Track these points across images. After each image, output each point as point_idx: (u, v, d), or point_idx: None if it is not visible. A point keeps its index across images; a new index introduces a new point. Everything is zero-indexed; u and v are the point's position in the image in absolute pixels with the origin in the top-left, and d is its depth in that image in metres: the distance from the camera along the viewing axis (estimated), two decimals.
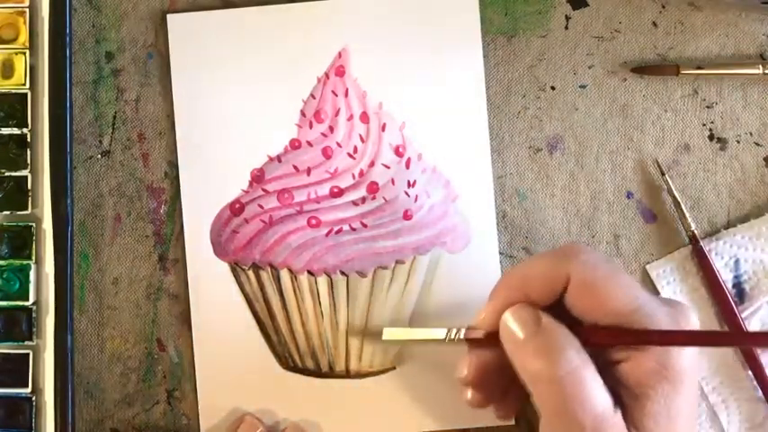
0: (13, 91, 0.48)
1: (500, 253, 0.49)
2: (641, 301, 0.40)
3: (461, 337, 0.43)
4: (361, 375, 0.49)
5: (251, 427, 0.48)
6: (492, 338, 0.42)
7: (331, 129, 0.49)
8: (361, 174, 0.49)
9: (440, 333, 0.43)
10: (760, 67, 0.49)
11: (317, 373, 0.49)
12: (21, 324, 0.48)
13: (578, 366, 0.39)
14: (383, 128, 0.49)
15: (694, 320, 0.41)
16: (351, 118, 0.49)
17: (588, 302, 0.40)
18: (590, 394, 0.38)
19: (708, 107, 0.50)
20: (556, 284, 0.41)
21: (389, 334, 0.45)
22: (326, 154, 0.49)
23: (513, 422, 0.49)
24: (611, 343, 0.40)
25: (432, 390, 0.49)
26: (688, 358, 0.40)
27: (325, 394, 0.49)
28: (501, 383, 0.43)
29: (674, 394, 0.39)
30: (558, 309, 0.41)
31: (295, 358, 0.49)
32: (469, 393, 0.44)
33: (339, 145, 0.49)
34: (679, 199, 0.49)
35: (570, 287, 0.40)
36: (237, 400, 0.49)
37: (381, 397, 0.49)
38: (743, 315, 0.48)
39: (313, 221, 0.49)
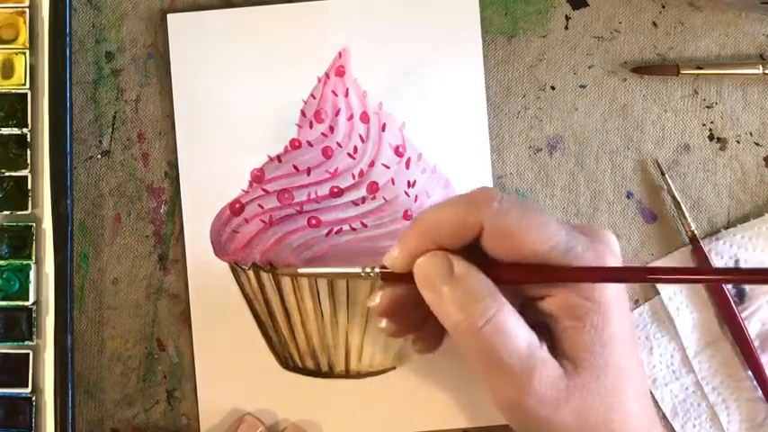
0: (13, 91, 0.48)
1: None
2: (558, 238, 0.39)
3: (377, 271, 0.42)
4: (361, 375, 0.49)
5: (251, 427, 0.48)
6: (405, 278, 0.41)
7: (331, 129, 0.49)
8: (361, 174, 0.49)
9: (355, 269, 0.43)
10: (760, 67, 0.49)
11: (317, 373, 0.49)
12: (21, 324, 0.48)
13: (496, 313, 0.39)
14: (383, 128, 0.49)
15: (615, 249, 0.41)
16: (351, 118, 0.49)
17: (504, 247, 0.40)
18: (512, 338, 0.39)
19: (708, 107, 0.50)
20: (468, 232, 0.40)
21: (305, 270, 0.46)
22: (326, 154, 0.49)
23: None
24: (527, 281, 0.40)
25: (432, 390, 0.49)
26: (613, 288, 0.40)
27: (325, 394, 0.49)
28: (416, 316, 0.43)
29: (604, 324, 0.39)
30: (474, 247, 0.41)
31: (295, 358, 0.49)
32: (384, 322, 0.44)
33: (339, 145, 0.49)
34: (679, 199, 0.49)
35: (484, 235, 0.40)
36: (237, 400, 0.49)
37: (381, 397, 0.49)
38: (743, 315, 0.48)
39: (313, 221, 0.49)
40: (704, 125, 0.50)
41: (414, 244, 0.41)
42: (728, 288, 0.48)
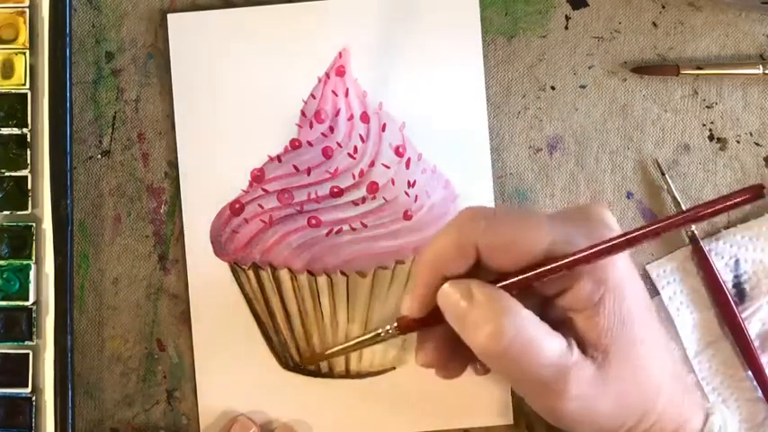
0: (13, 91, 0.48)
1: None
2: (554, 234, 0.39)
3: (395, 326, 0.42)
4: (361, 375, 0.49)
5: (243, 427, 0.48)
6: (422, 323, 0.42)
7: (331, 129, 0.49)
8: (362, 174, 0.49)
9: (374, 333, 0.43)
10: (760, 67, 0.49)
11: (317, 373, 0.49)
12: (21, 324, 0.48)
13: (520, 327, 0.38)
14: (383, 128, 0.49)
15: (612, 224, 0.41)
16: (351, 118, 0.49)
17: (507, 260, 0.40)
18: (541, 350, 0.38)
19: (708, 107, 0.50)
20: (468, 256, 0.40)
21: (329, 352, 0.46)
22: (327, 154, 0.49)
23: (512, 422, 0.49)
24: (538, 279, 0.39)
25: (432, 390, 0.49)
26: (622, 262, 0.40)
27: (325, 394, 0.49)
28: (463, 351, 0.42)
29: (621, 300, 0.39)
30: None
31: (295, 358, 0.49)
32: (438, 373, 0.44)
33: (339, 145, 0.49)
34: (679, 199, 0.49)
35: (482, 254, 0.40)
36: (237, 401, 0.49)
37: (381, 397, 0.49)
38: (743, 315, 0.48)
39: (313, 221, 0.49)
40: (704, 125, 0.50)
41: (424, 284, 0.41)
42: (728, 288, 0.48)
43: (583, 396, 0.39)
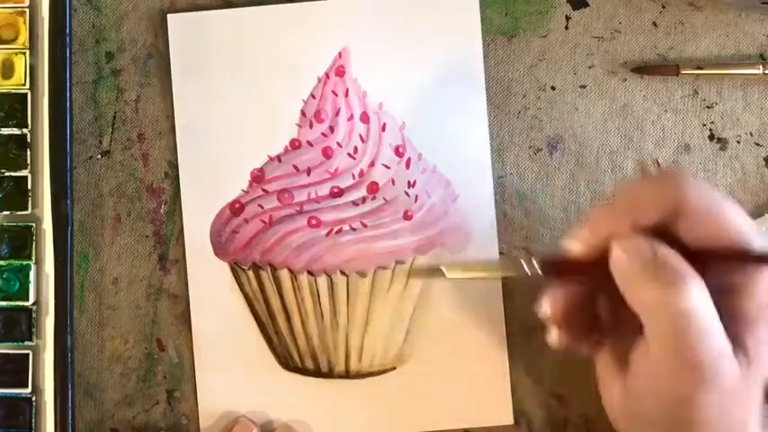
0: (13, 91, 0.48)
1: (500, 253, 0.49)
2: (750, 227, 0.38)
3: (539, 262, 0.40)
4: (361, 376, 0.49)
5: (244, 428, 0.48)
6: (574, 268, 0.40)
7: (331, 129, 0.49)
8: (362, 174, 0.49)
9: (510, 269, 0.40)
10: (760, 67, 0.49)
11: (317, 373, 0.49)
12: (21, 324, 0.48)
13: (701, 302, 0.37)
14: (383, 128, 0.49)
15: None
16: (351, 118, 0.49)
17: (704, 229, 0.38)
18: (711, 332, 0.37)
19: (708, 107, 0.50)
20: (662, 211, 0.39)
21: (452, 272, 0.42)
22: (327, 154, 0.49)
23: (512, 422, 0.49)
24: (730, 264, 0.38)
25: (432, 390, 0.49)
26: None
27: (324, 395, 0.49)
28: (586, 318, 0.41)
29: None
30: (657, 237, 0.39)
31: (295, 358, 0.49)
32: (555, 333, 0.41)
33: (339, 145, 0.49)
34: None
35: (687, 213, 0.38)
36: (237, 401, 0.49)
37: (381, 397, 0.49)
38: None
39: (313, 221, 0.49)
40: (704, 125, 0.50)
41: (608, 223, 0.39)
42: None
43: (721, 395, 0.37)
